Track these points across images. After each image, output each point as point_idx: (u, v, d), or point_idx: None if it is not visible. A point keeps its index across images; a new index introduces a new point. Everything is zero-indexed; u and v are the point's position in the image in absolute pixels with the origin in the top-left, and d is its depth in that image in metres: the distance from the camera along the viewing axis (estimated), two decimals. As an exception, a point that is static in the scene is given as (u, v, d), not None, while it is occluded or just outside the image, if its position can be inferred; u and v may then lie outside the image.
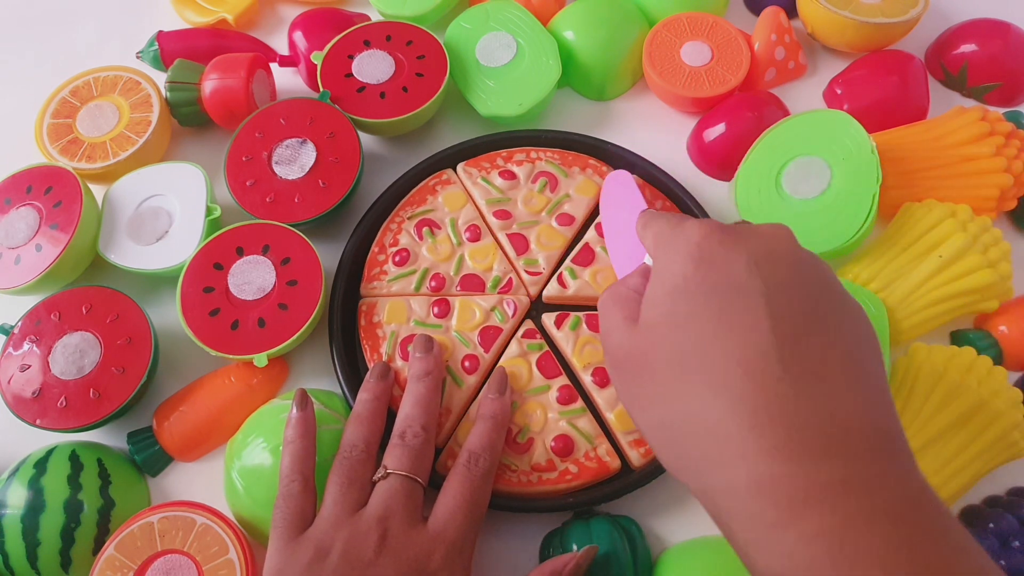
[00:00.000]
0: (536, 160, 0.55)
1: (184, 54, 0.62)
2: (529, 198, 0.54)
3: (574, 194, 0.54)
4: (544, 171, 0.55)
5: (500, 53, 0.61)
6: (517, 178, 0.54)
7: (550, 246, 0.52)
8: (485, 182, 0.54)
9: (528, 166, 0.55)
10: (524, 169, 0.55)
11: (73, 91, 0.60)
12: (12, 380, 0.49)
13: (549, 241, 0.52)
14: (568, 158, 0.56)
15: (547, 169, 0.55)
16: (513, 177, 0.54)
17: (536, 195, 0.54)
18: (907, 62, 0.59)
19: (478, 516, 0.42)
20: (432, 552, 0.39)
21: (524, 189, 0.54)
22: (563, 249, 0.53)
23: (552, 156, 0.56)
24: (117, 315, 0.50)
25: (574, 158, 0.56)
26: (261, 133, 0.56)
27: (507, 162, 0.55)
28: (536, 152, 0.56)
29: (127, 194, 0.55)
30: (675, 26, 0.62)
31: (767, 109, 0.58)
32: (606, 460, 0.47)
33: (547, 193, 0.54)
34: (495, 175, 0.54)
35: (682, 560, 0.44)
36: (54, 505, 0.44)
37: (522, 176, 0.54)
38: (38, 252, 0.52)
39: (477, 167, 0.54)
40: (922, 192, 0.53)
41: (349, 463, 0.43)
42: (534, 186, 0.54)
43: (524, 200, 0.54)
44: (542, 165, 0.55)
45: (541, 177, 0.54)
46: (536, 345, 0.50)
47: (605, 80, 0.62)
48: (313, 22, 0.63)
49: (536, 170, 0.55)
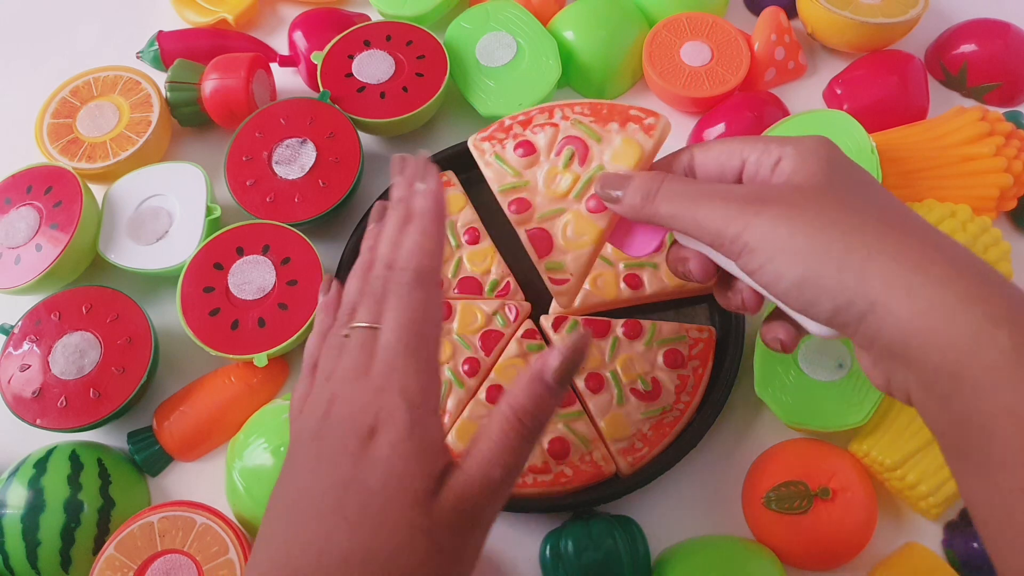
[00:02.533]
0: (560, 122, 0.42)
1: (184, 54, 0.62)
2: (552, 177, 0.41)
3: (610, 164, 0.41)
4: (571, 136, 0.42)
5: (500, 53, 0.61)
6: (537, 151, 0.42)
7: (579, 242, 0.41)
8: (499, 160, 0.42)
9: (550, 130, 0.42)
10: (546, 135, 0.42)
11: (73, 91, 0.60)
12: (12, 380, 0.49)
13: (578, 234, 0.41)
14: (602, 111, 0.42)
15: (574, 133, 0.42)
16: (532, 150, 0.42)
17: (561, 172, 0.41)
18: (907, 62, 0.59)
19: (510, 483, 0.33)
20: None
21: (546, 165, 0.42)
22: (595, 245, 0.41)
23: (582, 112, 0.42)
24: (117, 315, 0.50)
25: (610, 110, 0.42)
26: (261, 133, 0.56)
27: (525, 128, 0.42)
28: (561, 110, 0.42)
29: (127, 194, 0.55)
30: (675, 26, 0.62)
31: (767, 109, 0.58)
32: (601, 465, 0.47)
33: (575, 167, 0.41)
34: (510, 148, 0.42)
35: (682, 560, 0.44)
36: (54, 505, 0.44)
37: (543, 145, 0.42)
38: (38, 252, 0.52)
39: (491, 140, 0.43)
40: (922, 192, 0.53)
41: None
42: (558, 160, 0.41)
43: (546, 180, 0.41)
44: (567, 128, 0.42)
45: (567, 145, 0.41)
46: (536, 346, 0.50)
47: (605, 80, 0.62)
48: (313, 22, 0.63)
49: (561, 135, 0.42)
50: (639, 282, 0.52)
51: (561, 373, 0.32)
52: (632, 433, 0.47)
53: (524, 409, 0.31)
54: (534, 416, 0.31)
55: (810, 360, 0.48)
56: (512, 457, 0.31)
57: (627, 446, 0.47)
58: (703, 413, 0.48)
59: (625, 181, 0.37)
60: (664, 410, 0.48)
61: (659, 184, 0.36)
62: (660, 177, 0.36)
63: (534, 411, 0.31)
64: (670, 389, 0.48)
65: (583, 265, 0.41)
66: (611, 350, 0.50)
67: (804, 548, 0.44)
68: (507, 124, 0.43)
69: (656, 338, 0.50)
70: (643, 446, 0.47)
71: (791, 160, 0.34)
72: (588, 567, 0.43)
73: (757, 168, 0.35)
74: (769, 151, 0.35)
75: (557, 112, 0.42)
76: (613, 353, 0.50)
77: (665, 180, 0.36)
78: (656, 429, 0.47)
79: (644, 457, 0.47)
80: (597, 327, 0.50)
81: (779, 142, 0.35)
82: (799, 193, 0.32)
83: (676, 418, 0.48)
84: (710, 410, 0.47)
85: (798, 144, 0.34)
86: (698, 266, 0.37)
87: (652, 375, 0.49)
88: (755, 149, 0.35)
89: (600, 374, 0.49)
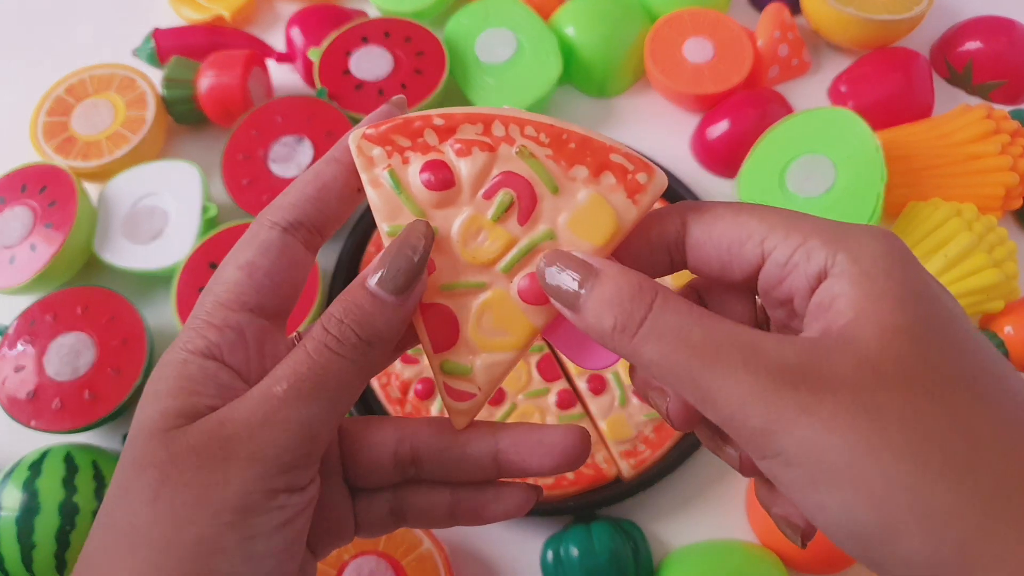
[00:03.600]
0: (502, 144, 0.25)
1: (180, 51, 0.62)
2: (473, 230, 0.25)
3: (565, 233, 0.25)
4: (511, 173, 0.25)
5: (500, 49, 0.60)
6: (456, 183, 0.25)
7: (498, 340, 0.25)
8: (393, 182, 0.25)
9: (482, 156, 0.25)
10: (474, 162, 0.25)
11: (68, 89, 0.60)
12: (6, 381, 0.48)
13: (500, 328, 0.25)
14: (568, 144, 0.25)
15: (519, 169, 0.25)
16: (449, 181, 0.25)
17: (489, 226, 0.25)
18: (912, 59, 0.59)
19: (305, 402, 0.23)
20: None
21: (467, 210, 0.25)
22: (521, 349, 0.26)
23: (537, 137, 0.25)
24: (112, 315, 0.50)
25: (580, 144, 0.25)
26: (258, 131, 0.56)
27: (444, 139, 0.25)
28: (505, 124, 0.25)
29: (122, 193, 0.55)
30: (677, 22, 0.61)
31: (770, 106, 0.57)
32: (603, 467, 0.46)
33: (511, 224, 0.25)
34: (415, 169, 0.25)
35: (684, 564, 0.44)
36: (49, 507, 0.44)
37: (467, 177, 0.25)
38: (32, 251, 0.51)
39: (386, 143, 0.25)
40: (927, 191, 0.53)
41: None
42: (488, 206, 0.25)
43: (464, 233, 0.25)
44: (510, 158, 0.25)
45: (505, 187, 0.25)
46: (536, 347, 0.50)
47: (607, 77, 0.62)
48: (310, 19, 0.63)
49: (498, 168, 0.25)
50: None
51: (382, 270, 0.23)
52: (634, 435, 0.47)
53: (330, 316, 0.23)
54: (339, 322, 0.23)
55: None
56: (305, 368, 0.23)
57: (629, 448, 0.46)
58: (706, 415, 0.47)
59: (590, 277, 0.23)
60: (666, 412, 0.47)
61: (646, 310, 0.22)
62: (648, 294, 0.22)
63: (340, 316, 0.23)
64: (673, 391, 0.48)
65: (497, 377, 0.26)
66: (613, 351, 0.49)
67: (809, 552, 0.43)
68: (417, 124, 0.25)
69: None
70: (645, 448, 0.46)
71: (849, 289, 0.21)
72: (590, 572, 0.42)
73: (787, 276, 0.23)
74: (809, 251, 0.22)
75: (498, 127, 0.25)
76: (615, 354, 0.49)
77: (657, 302, 0.22)
78: (659, 431, 0.47)
79: (646, 460, 0.46)
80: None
81: (823, 236, 0.22)
82: (875, 381, 0.20)
83: (679, 420, 0.47)
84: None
85: (855, 252, 0.21)
86: (678, 410, 0.25)
87: (654, 376, 0.48)
88: (785, 239, 0.23)
89: (602, 376, 0.48)
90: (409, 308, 0.24)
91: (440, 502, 0.27)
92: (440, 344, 0.25)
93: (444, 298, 0.25)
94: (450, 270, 0.25)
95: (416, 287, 0.24)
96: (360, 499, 0.27)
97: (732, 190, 0.56)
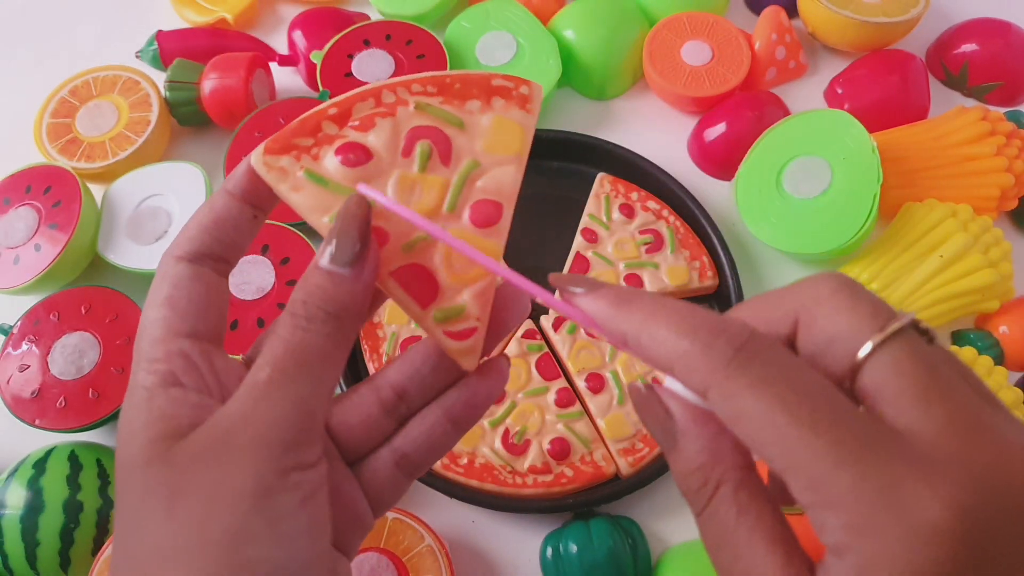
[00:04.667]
0: (397, 109, 0.27)
1: (183, 53, 0.62)
2: (408, 187, 0.26)
3: (485, 156, 0.27)
4: (419, 127, 0.27)
5: (500, 52, 0.61)
6: (373, 155, 0.26)
7: (472, 272, 0.26)
8: (313, 179, 0.26)
9: (385, 123, 0.27)
10: (381, 132, 0.27)
11: (72, 91, 0.60)
12: (11, 380, 0.49)
13: (467, 268, 0.26)
14: (452, 86, 0.28)
15: (422, 122, 0.27)
16: (365, 155, 0.26)
17: (419, 178, 0.27)
18: (908, 62, 0.59)
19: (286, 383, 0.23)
20: None
21: (394, 173, 0.27)
22: (492, 279, 0.26)
23: (423, 90, 0.28)
24: (116, 315, 0.50)
25: (462, 82, 0.28)
26: (260, 132, 0.56)
27: (342, 125, 0.27)
28: (392, 92, 0.27)
29: (126, 194, 0.55)
30: (675, 25, 0.62)
31: (768, 109, 0.58)
32: (601, 465, 0.47)
33: (439, 170, 0.27)
34: (328, 158, 0.26)
35: (682, 561, 0.44)
36: (53, 505, 0.44)
37: (380, 146, 0.27)
38: (37, 252, 0.52)
39: (290, 152, 0.26)
40: (923, 192, 0.53)
41: None
42: (410, 163, 0.27)
43: (399, 193, 0.26)
44: (410, 116, 0.27)
45: (419, 140, 0.27)
46: (536, 346, 0.50)
47: (605, 79, 0.62)
48: (313, 21, 0.63)
49: (405, 129, 0.27)
50: (640, 282, 0.52)
51: (330, 248, 0.23)
52: (633, 433, 0.47)
53: (294, 301, 0.24)
54: (304, 303, 0.23)
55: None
56: (282, 350, 0.23)
57: (628, 446, 0.47)
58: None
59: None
60: (665, 410, 0.48)
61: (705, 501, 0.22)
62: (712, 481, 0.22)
63: (303, 298, 0.23)
64: (671, 389, 0.48)
65: (488, 301, 0.26)
66: (612, 350, 0.50)
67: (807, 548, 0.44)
68: (311, 121, 0.27)
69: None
70: (644, 446, 0.47)
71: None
72: (589, 568, 0.43)
73: None
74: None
75: (387, 95, 0.27)
76: (614, 353, 0.49)
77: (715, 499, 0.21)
78: (657, 429, 0.47)
79: (645, 457, 0.47)
80: (597, 327, 0.50)
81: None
82: None
83: (677, 418, 0.47)
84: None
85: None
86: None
87: (653, 375, 0.49)
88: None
89: (601, 374, 0.49)
90: (368, 277, 0.24)
91: (436, 419, 0.27)
92: (424, 299, 0.26)
93: (409, 257, 0.26)
94: (402, 231, 0.26)
95: (369, 255, 0.24)
96: (363, 470, 0.27)
97: (729, 192, 0.56)
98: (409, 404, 0.27)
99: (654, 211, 0.55)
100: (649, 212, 0.54)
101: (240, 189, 0.26)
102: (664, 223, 0.54)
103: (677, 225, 0.54)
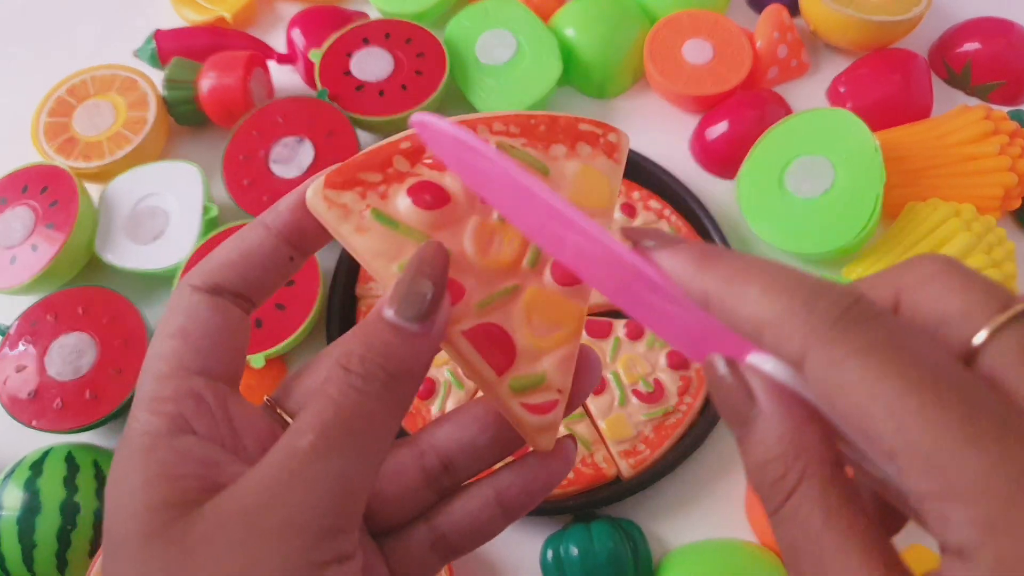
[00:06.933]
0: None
1: (182, 52, 0.62)
2: (486, 237, 0.24)
3: None
4: None
5: (500, 51, 0.60)
6: (451, 198, 0.24)
7: (555, 335, 0.24)
8: (382, 221, 0.23)
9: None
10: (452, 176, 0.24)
11: (70, 89, 0.60)
12: (8, 381, 0.48)
13: (552, 323, 0.24)
14: (537, 128, 0.25)
15: None
16: (443, 198, 0.24)
17: (498, 228, 0.24)
18: (910, 60, 0.59)
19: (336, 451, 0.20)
20: None
21: (471, 220, 0.24)
22: (580, 333, 0.24)
23: (505, 130, 0.25)
24: (113, 316, 0.50)
25: (548, 125, 0.26)
26: (258, 131, 0.56)
27: (415, 163, 0.24)
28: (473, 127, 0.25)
29: (124, 193, 0.55)
30: (676, 24, 0.61)
31: (769, 107, 0.57)
32: (602, 467, 0.46)
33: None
34: (400, 197, 0.23)
35: (683, 563, 0.44)
36: (50, 507, 0.44)
37: (458, 189, 0.24)
38: (34, 252, 0.52)
39: (355, 187, 0.23)
40: (926, 191, 0.53)
41: None
42: (489, 209, 0.24)
43: (477, 244, 0.23)
44: None
45: None
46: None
47: (606, 78, 0.62)
48: (311, 20, 0.63)
49: None
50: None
51: (399, 299, 0.20)
52: (634, 435, 0.47)
53: (350, 355, 0.20)
54: (362, 359, 0.20)
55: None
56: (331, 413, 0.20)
57: (629, 448, 0.47)
58: (706, 415, 0.47)
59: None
60: (666, 412, 0.47)
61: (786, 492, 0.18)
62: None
63: (362, 353, 0.20)
64: (672, 390, 0.48)
65: (570, 372, 0.24)
66: (612, 351, 0.49)
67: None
68: (381, 157, 0.24)
69: (658, 339, 0.50)
70: (645, 448, 0.47)
71: None
72: (590, 571, 0.42)
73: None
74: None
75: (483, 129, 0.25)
76: (615, 354, 0.49)
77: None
78: (658, 431, 0.47)
79: (646, 459, 0.46)
80: (599, 328, 0.50)
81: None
82: None
83: (679, 420, 0.47)
84: (713, 411, 0.47)
85: None
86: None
87: (654, 376, 0.48)
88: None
89: (602, 375, 0.48)
90: (435, 335, 0.21)
91: (485, 502, 0.24)
92: (501, 365, 0.23)
93: (485, 316, 0.23)
94: (479, 286, 0.23)
95: (440, 311, 0.21)
96: (395, 547, 0.24)
97: (731, 191, 0.56)
98: (454, 476, 0.24)
99: (656, 210, 0.54)
100: (651, 211, 0.54)
101: (281, 224, 0.23)
102: (666, 222, 0.54)
103: (679, 224, 0.54)
